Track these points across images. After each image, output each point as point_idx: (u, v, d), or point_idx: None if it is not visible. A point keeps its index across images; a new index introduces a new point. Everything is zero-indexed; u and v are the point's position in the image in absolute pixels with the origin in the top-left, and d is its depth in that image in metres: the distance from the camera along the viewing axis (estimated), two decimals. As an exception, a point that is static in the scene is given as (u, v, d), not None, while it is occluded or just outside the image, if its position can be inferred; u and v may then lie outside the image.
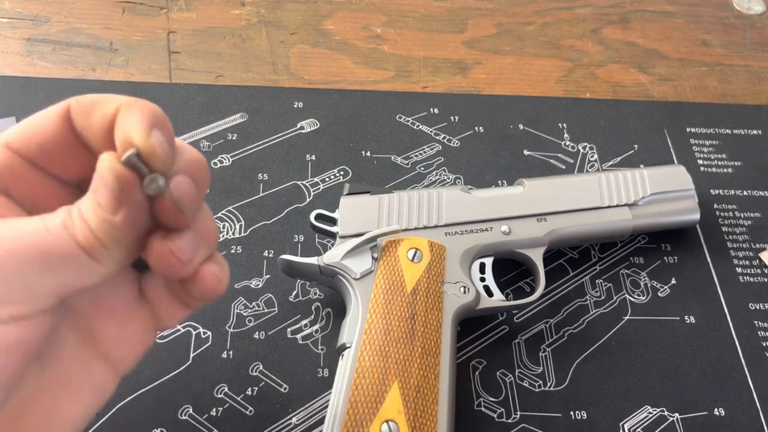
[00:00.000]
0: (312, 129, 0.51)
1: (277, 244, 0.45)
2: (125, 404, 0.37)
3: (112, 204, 0.22)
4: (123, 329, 0.27)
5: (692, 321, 0.44)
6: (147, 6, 0.58)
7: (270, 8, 0.59)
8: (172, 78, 0.53)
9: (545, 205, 0.43)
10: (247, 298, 0.42)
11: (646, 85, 0.58)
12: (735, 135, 0.55)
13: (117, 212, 0.22)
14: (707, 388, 0.41)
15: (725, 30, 0.63)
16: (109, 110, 0.24)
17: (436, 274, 0.38)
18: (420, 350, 0.35)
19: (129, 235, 0.23)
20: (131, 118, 0.23)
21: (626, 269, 0.46)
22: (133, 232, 0.23)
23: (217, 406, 0.38)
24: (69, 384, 0.25)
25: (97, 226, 0.22)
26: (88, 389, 0.26)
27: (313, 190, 0.48)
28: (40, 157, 0.25)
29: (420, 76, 0.56)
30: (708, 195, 0.51)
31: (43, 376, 0.24)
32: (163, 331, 0.28)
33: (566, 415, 0.39)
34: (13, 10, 0.56)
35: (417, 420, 0.33)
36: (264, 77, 0.55)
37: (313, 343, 0.41)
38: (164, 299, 0.27)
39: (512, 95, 0.56)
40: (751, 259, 0.47)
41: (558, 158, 0.51)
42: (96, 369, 0.26)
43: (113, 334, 0.26)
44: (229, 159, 0.49)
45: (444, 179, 0.49)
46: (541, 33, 0.61)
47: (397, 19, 0.60)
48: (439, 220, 0.41)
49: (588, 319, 0.43)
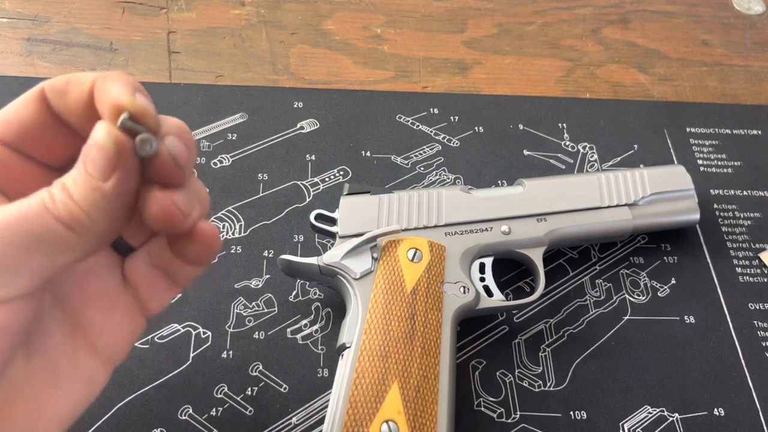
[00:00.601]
0: (312, 129, 0.51)
1: (277, 244, 0.45)
2: (125, 404, 0.37)
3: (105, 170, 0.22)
4: (109, 316, 0.27)
5: (692, 321, 0.44)
6: (147, 6, 0.58)
7: (270, 8, 0.59)
8: (172, 78, 0.53)
9: (545, 205, 0.43)
10: (247, 298, 0.42)
11: (646, 85, 0.58)
12: (735, 135, 0.55)
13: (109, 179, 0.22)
14: (707, 388, 0.41)
15: (725, 30, 0.63)
16: (85, 85, 0.24)
17: (436, 274, 0.38)
18: (420, 350, 0.35)
19: (116, 205, 0.23)
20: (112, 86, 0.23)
21: (626, 269, 0.46)
22: (120, 201, 0.23)
23: (217, 406, 0.38)
24: (56, 375, 0.25)
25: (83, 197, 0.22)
26: (76, 382, 0.26)
27: (313, 190, 0.48)
28: (21, 141, 0.26)
29: (420, 76, 0.56)
30: (708, 195, 0.51)
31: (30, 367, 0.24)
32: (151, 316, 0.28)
33: (566, 415, 0.39)
34: (13, 10, 0.56)
35: (417, 420, 0.33)
36: (264, 77, 0.55)
37: (313, 343, 0.41)
38: (148, 281, 0.28)
39: (512, 95, 0.56)
40: (751, 259, 0.47)
41: (558, 158, 0.51)
42: (84, 361, 0.26)
43: (99, 321, 0.27)
44: (229, 159, 0.49)
45: (444, 179, 0.49)
46: (541, 33, 0.61)
47: (397, 19, 0.60)
48: (439, 220, 0.41)
49: (588, 319, 0.43)
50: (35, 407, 0.24)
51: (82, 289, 0.26)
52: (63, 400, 0.25)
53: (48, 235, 0.22)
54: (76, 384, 0.26)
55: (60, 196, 0.22)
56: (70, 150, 0.27)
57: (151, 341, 0.40)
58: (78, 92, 0.25)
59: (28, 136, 0.26)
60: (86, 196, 0.22)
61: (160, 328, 0.40)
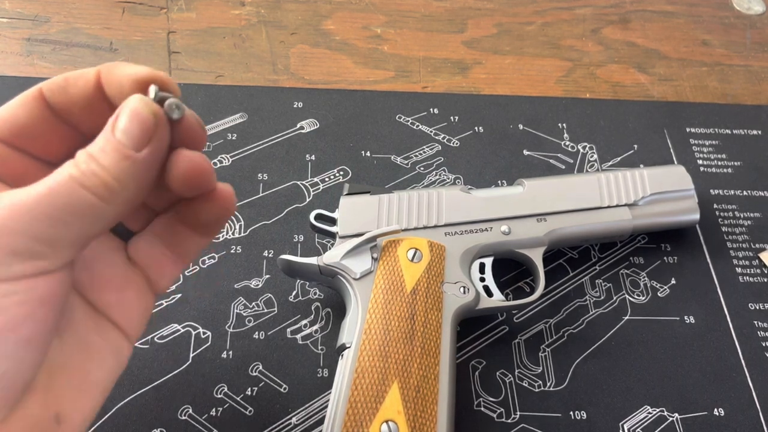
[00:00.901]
0: (312, 129, 0.51)
1: (277, 244, 0.45)
2: (125, 404, 0.37)
3: (141, 140, 0.24)
4: (122, 296, 0.28)
5: (692, 321, 0.44)
6: (147, 6, 0.58)
7: (270, 8, 0.59)
8: (172, 78, 0.53)
9: (545, 205, 0.43)
10: (247, 298, 0.42)
11: (646, 85, 0.58)
12: (735, 135, 0.55)
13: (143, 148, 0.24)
14: (707, 388, 0.41)
15: (725, 30, 0.63)
16: (90, 76, 0.26)
17: (436, 274, 0.38)
18: (420, 350, 0.35)
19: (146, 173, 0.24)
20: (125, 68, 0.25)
21: (626, 269, 0.46)
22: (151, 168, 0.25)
23: (217, 406, 0.38)
24: (90, 350, 0.26)
25: (113, 165, 0.23)
26: (108, 353, 0.27)
27: (312, 190, 0.48)
28: (19, 139, 0.26)
29: (420, 76, 0.56)
30: (708, 195, 0.51)
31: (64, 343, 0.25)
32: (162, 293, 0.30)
33: (566, 415, 0.39)
34: (13, 10, 0.56)
35: (417, 420, 0.33)
36: (264, 77, 0.55)
37: (313, 343, 0.41)
38: (154, 260, 0.29)
39: (512, 95, 0.56)
40: (750, 259, 0.47)
41: (558, 158, 0.51)
42: (110, 333, 0.27)
43: (114, 301, 0.28)
44: (229, 159, 0.49)
45: (444, 179, 0.49)
46: (541, 33, 0.61)
47: (397, 19, 0.60)
48: (439, 220, 0.41)
49: (588, 319, 0.43)
50: (78, 378, 0.25)
51: (92, 274, 0.27)
52: (99, 371, 0.26)
53: (80, 206, 0.23)
54: (108, 355, 0.27)
55: (89, 166, 0.23)
56: (67, 147, 0.28)
57: (151, 341, 0.40)
58: (83, 84, 0.26)
59: (23, 133, 0.26)
60: (117, 164, 0.23)
61: (160, 328, 0.40)
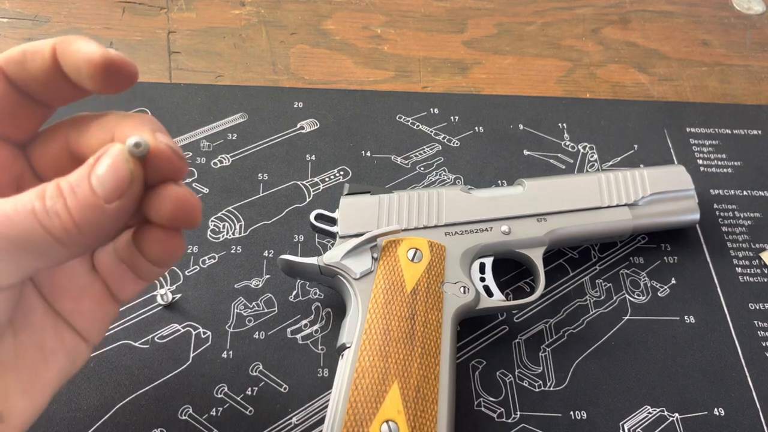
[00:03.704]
0: (312, 129, 0.51)
1: (277, 244, 0.45)
2: (125, 404, 0.37)
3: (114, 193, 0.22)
4: (79, 304, 0.28)
5: (692, 321, 0.44)
6: (147, 6, 0.58)
7: (270, 8, 0.59)
8: (172, 78, 0.53)
9: (545, 205, 0.43)
10: (247, 298, 0.42)
11: (646, 85, 0.58)
12: (735, 135, 0.55)
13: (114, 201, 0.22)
14: (707, 387, 0.41)
15: (725, 30, 0.63)
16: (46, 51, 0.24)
17: (436, 274, 0.38)
18: (420, 350, 0.35)
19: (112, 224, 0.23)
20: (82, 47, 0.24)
21: (626, 269, 0.46)
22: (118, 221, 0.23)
23: (217, 406, 0.38)
24: (44, 350, 0.26)
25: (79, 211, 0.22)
26: (62, 354, 0.27)
27: (313, 190, 0.48)
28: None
29: (420, 76, 0.56)
30: (708, 195, 0.51)
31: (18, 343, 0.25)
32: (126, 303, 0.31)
33: (566, 415, 0.39)
34: (13, 10, 0.56)
35: (417, 420, 0.33)
36: (264, 77, 0.55)
37: (313, 343, 0.41)
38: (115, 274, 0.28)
39: (512, 95, 0.56)
40: (751, 259, 0.47)
41: (558, 158, 0.51)
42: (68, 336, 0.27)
43: (71, 307, 0.27)
44: (229, 159, 0.49)
45: (444, 179, 0.49)
46: (541, 33, 0.61)
47: (397, 19, 0.60)
48: (439, 220, 0.41)
49: (588, 319, 0.43)
50: (27, 378, 0.25)
51: (53, 280, 0.27)
52: (50, 371, 0.26)
53: (34, 242, 0.22)
54: (62, 356, 0.27)
55: (54, 204, 0.22)
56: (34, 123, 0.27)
57: (151, 341, 0.40)
58: (40, 59, 0.25)
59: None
60: (82, 210, 0.22)
61: (160, 328, 0.40)
